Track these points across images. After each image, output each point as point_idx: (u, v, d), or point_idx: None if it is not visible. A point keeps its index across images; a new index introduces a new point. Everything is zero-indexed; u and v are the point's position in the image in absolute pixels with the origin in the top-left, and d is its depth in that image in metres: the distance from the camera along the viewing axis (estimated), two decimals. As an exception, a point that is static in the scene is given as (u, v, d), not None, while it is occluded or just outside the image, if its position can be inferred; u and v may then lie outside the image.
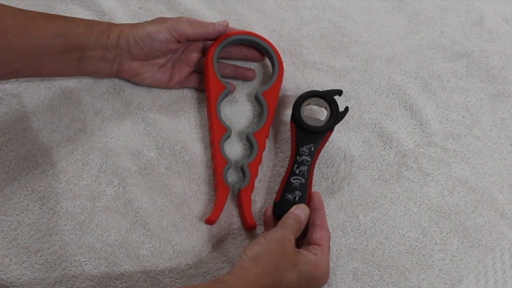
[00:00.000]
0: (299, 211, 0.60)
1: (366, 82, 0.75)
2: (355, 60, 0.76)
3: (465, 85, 0.76)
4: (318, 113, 0.70)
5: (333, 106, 0.65)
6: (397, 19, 0.80)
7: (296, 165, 0.64)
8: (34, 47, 0.58)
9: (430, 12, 0.81)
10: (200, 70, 0.71)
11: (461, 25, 0.80)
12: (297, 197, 0.63)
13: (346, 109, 0.65)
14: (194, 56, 0.70)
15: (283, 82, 0.72)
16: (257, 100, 0.70)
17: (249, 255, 0.53)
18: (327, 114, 0.66)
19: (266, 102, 0.68)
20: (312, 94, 0.66)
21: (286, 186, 0.63)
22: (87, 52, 0.62)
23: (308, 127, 0.64)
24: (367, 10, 0.80)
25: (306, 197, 0.63)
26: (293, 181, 0.63)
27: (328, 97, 0.66)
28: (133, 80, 0.69)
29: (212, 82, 0.68)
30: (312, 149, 0.64)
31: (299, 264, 0.54)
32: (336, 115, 0.65)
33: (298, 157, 0.64)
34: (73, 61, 0.62)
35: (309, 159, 0.64)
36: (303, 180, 0.63)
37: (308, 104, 0.66)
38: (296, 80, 0.74)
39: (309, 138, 0.64)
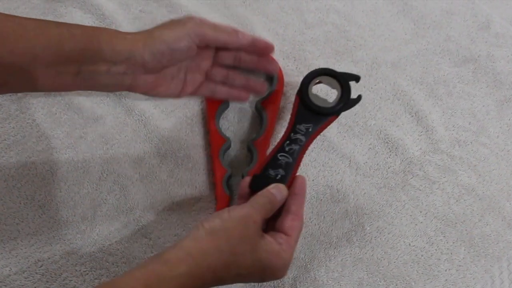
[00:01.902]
0: (276, 191, 0.54)
1: (371, 88, 0.74)
2: (360, 65, 0.75)
3: (472, 91, 0.75)
4: (328, 94, 0.65)
5: (345, 90, 0.60)
6: (402, 23, 0.79)
7: (287, 142, 0.58)
8: (19, 58, 0.51)
9: (435, 16, 0.79)
10: (211, 79, 0.66)
11: (467, 29, 0.79)
12: (279, 176, 0.57)
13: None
14: (205, 64, 0.63)
15: (286, 87, 0.71)
16: (257, 109, 0.69)
17: (206, 227, 0.48)
18: (337, 97, 0.60)
19: (266, 112, 0.68)
20: (326, 72, 0.60)
21: (271, 162, 0.57)
22: (85, 66, 0.53)
23: (312, 105, 0.58)
24: (371, 14, 0.79)
25: (289, 179, 0.57)
26: (280, 158, 0.57)
27: (342, 79, 0.60)
28: (147, 94, 0.60)
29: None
30: (310, 129, 0.58)
31: (258, 250, 0.50)
32: (347, 101, 0.59)
33: (292, 133, 0.58)
34: (69, 76, 0.54)
35: (303, 140, 0.58)
36: (291, 159, 0.57)
37: (320, 82, 0.61)
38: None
39: (310, 117, 0.59)
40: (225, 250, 0.48)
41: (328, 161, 0.69)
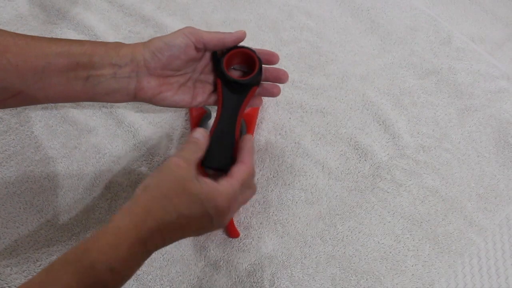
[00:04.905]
0: (197, 133, 0.58)
1: (342, 99, 0.77)
2: (331, 78, 0.78)
3: (435, 101, 0.77)
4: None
5: (259, 61, 0.63)
6: (370, 39, 0.82)
7: (222, 116, 0.61)
8: (33, 65, 0.54)
9: (401, 33, 0.83)
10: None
11: (430, 44, 0.82)
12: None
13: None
14: (214, 76, 0.65)
15: (264, 98, 0.73)
16: None
17: (140, 187, 0.51)
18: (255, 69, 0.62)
19: (245, 122, 0.71)
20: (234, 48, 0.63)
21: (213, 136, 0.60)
22: (94, 70, 0.56)
23: (233, 82, 0.62)
24: (342, 31, 0.82)
25: (234, 142, 0.60)
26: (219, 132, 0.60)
27: (254, 52, 0.63)
28: (154, 100, 0.61)
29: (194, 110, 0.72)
30: (239, 102, 0.62)
31: (191, 189, 0.51)
32: (260, 72, 0.62)
33: (224, 111, 0.61)
34: (79, 81, 0.56)
35: (237, 111, 0.61)
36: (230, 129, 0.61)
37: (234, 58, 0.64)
38: (276, 98, 0.73)
39: (233, 94, 0.62)
40: (158, 196, 0.50)
41: (303, 167, 0.72)
